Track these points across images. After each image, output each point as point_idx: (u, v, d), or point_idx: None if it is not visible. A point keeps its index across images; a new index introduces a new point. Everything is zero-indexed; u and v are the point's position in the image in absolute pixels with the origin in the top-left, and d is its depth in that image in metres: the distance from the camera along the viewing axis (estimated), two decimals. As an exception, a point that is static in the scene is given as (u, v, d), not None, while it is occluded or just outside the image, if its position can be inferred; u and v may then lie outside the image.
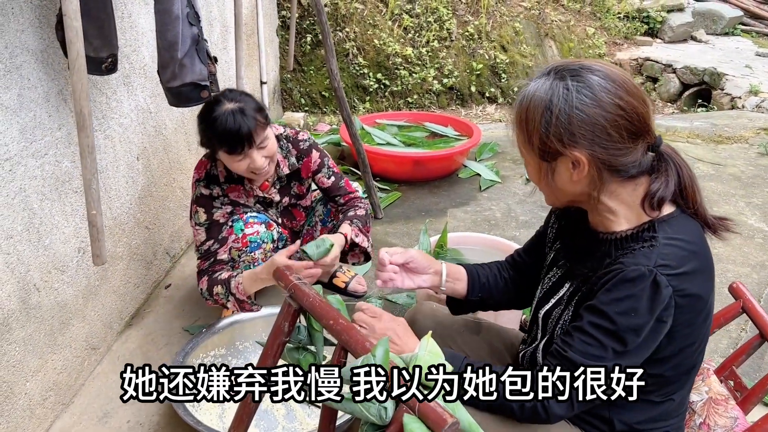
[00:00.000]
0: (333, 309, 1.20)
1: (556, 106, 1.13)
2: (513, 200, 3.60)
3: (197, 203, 2.19)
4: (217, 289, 2.11)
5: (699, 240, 1.18)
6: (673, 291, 1.09)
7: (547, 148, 1.16)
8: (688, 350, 1.21)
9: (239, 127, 1.94)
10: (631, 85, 1.14)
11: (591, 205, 1.24)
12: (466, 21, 5.60)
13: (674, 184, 1.17)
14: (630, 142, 1.13)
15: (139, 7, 2.33)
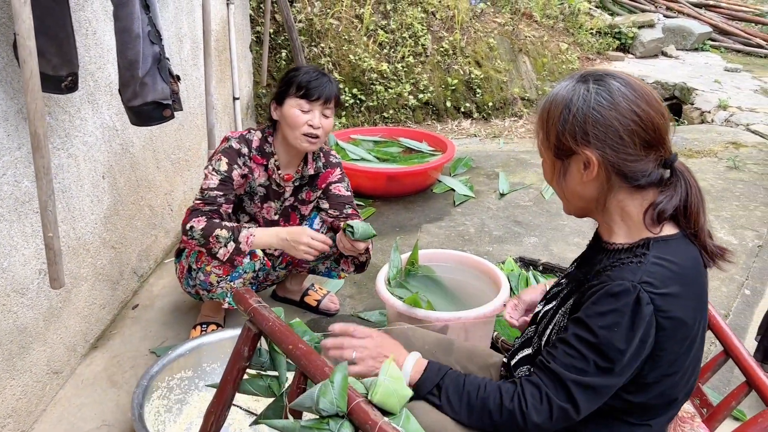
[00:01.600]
0: (293, 333, 1.19)
1: (575, 105, 1.18)
2: (486, 215, 3.60)
3: (223, 153, 2.20)
4: (219, 232, 2.07)
5: (691, 265, 1.18)
6: (655, 310, 1.10)
7: (561, 145, 1.21)
8: (671, 378, 1.19)
9: (324, 81, 2.15)
10: (651, 97, 1.18)
11: (599, 212, 1.26)
12: (441, 37, 5.64)
13: (679, 200, 1.18)
14: (642, 150, 1.16)
15: (104, 24, 2.30)
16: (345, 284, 2.86)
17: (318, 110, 2.16)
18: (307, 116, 2.15)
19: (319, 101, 2.14)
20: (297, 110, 2.14)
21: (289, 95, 2.15)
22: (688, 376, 1.23)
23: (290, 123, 2.16)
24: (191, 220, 2.09)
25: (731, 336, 1.53)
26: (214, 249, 2.08)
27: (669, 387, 1.20)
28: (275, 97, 2.21)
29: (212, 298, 2.25)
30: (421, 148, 4.19)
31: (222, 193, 2.16)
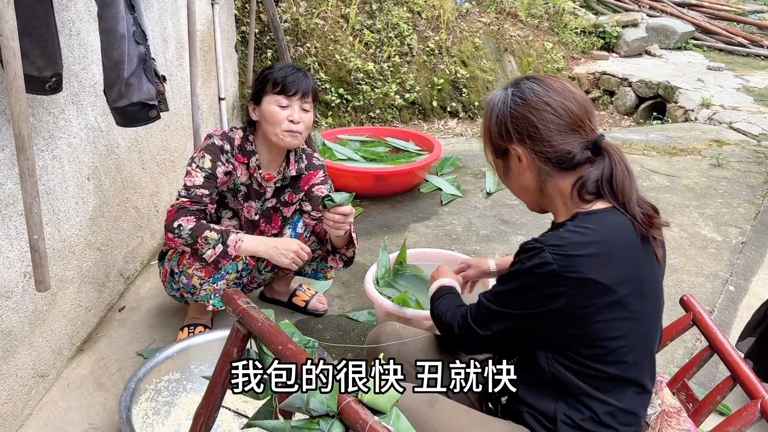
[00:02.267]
0: (282, 334, 1.18)
1: (497, 108, 1.40)
2: (473, 214, 3.62)
3: (206, 150, 2.18)
4: (208, 234, 2.05)
5: (612, 231, 1.28)
6: (560, 268, 1.23)
7: (496, 146, 1.42)
8: (612, 343, 1.26)
9: (299, 76, 2.15)
10: (564, 88, 1.36)
11: (544, 200, 1.42)
12: (427, 36, 5.65)
13: (601, 174, 1.31)
14: (561, 136, 1.33)
15: (88, 25, 2.28)
16: (333, 284, 2.85)
17: (297, 105, 2.15)
18: (286, 112, 2.14)
19: (297, 96, 2.14)
20: (275, 107, 2.13)
21: (266, 93, 2.14)
22: (636, 345, 1.28)
23: (270, 120, 2.15)
24: (178, 219, 2.07)
25: (716, 331, 1.55)
26: (201, 250, 2.07)
27: (616, 351, 1.27)
28: (252, 97, 2.20)
29: (197, 300, 2.24)
30: (408, 148, 4.20)
31: (207, 192, 2.15)
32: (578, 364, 1.28)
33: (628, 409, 1.31)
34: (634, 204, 1.29)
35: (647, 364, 1.33)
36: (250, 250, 2.13)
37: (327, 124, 5.14)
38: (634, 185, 1.31)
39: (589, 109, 1.36)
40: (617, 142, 4.94)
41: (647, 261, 1.31)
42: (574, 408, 1.29)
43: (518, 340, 1.36)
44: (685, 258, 3.18)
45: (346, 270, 2.95)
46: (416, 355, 1.62)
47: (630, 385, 1.31)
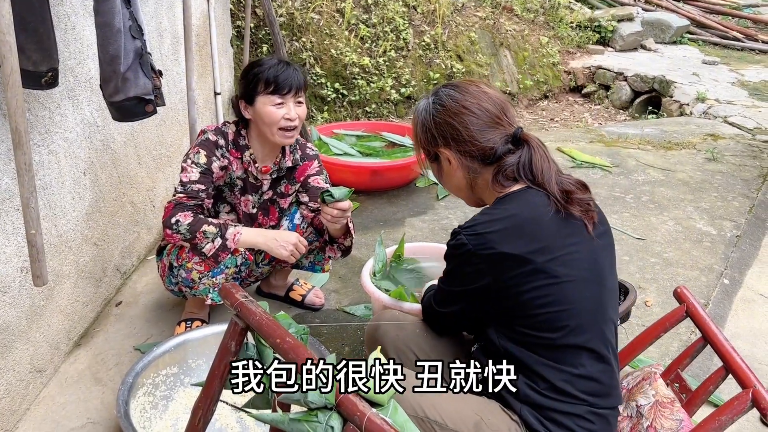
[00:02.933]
0: (280, 327, 1.19)
1: (422, 118, 1.53)
2: (469, 208, 3.59)
3: (200, 146, 2.18)
4: (207, 228, 2.07)
5: (524, 207, 1.40)
6: (474, 247, 1.36)
7: (427, 152, 1.56)
8: (545, 309, 1.35)
9: (290, 72, 2.12)
10: (479, 91, 1.49)
11: (477, 193, 1.54)
12: (423, 31, 5.65)
13: (519, 161, 1.43)
14: (480, 134, 1.45)
15: (84, 19, 2.27)
16: (330, 279, 2.86)
17: (291, 102, 2.14)
18: (282, 110, 2.13)
19: (291, 93, 2.13)
20: (271, 107, 2.12)
21: (259, 93, 2.12)
22: (573, 309, 1.36)
23: (267, 121, 2.14)
24: (176, 215, 2.07)
25: (709, 323, 1.57)
26: (200, 244, 2.08)
27: (552, 317, 1.36)
28: (243, 96, 2.18)
29: (195, 294, 2.25)
30: (404, 143, 4.20)
31: (204, 187, 2.15)
32: (522, 335, 1.38)
33: (586, 375, 1.36)
34: (553, 183, 1.41)
35: (594, 328, 1.39)
36: (249, 242, 2.14)
37: (323, 118, 5.14)
38: (552, 167, 1.44)
39: (504, 106, 1.50)
40: (613, 137, 4.96)
41: (572, 231, 1.39)
42: (531, 379, 1.37)
43: (470, 317, 1.51)
44: (680, 251, 3.19)
45: (343, 264, 2.96)
46: (415, 339, 1.66)
47: (580, 350, 1.37)
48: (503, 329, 1.40)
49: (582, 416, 1.35)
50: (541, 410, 1.36)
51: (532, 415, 1.36)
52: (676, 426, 1.46)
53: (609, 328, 1.43)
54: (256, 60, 2.17)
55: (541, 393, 1.36)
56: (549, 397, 1.36)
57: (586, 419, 1.36)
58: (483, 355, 1.46)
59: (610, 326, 1.44)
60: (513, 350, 1.38)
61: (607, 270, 1.45)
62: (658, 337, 1.67)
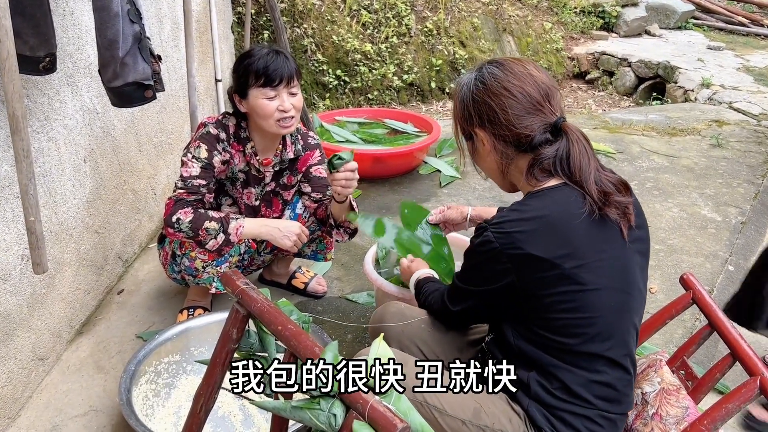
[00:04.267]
0: (282, 314, 1.18)
1: (461, 94, 1.46)
2: (472, 196, 3.61)
3: (201, 139, 2.13)
4: (209, 225, 2.04)
5: (556, 206, 1.31)
6: (501, 246, 1.30)
7: (463, 130, 1.49)
8: (568, 315, 1.29)
9: (280, 62, 2.06)
10: (524, 72, 1.39)
11: (510, 180, 1.48)
12: (425, 17, 5.60)
13: (556, 154, 1.35)
14: (517, 119, 1.36)
15: (83, 4, 2.24)
16: (332, 266, 2.85)
17: (284, 93, 2.09)
18: (275, 102, 2.08)
19: (282, 84, 2.07)
20: (263, 100, 2.07)
21: (251, 86, 2.06)
22: (596, 317, 1.30)
23: (261, 114, 2.10)
24: (177, 212, 2.03)
25: (716, 309, 1.55)
26: (204, 241, 2.06)
27: (574, 323, 1.30)
28: (236, 90, 2.13)
29: (198, 283, 2.23)
30: (407, 129, 4.17)
31: (204, 181, 2.11)
32: (540, 337, 1.33)
33: (602, 381, 1.33)
34: (591, 182, 1.32)
35: (615, 337, 1.34)
36: (252, 234, 2.12)
37: (324, 106, 5.11)
38: (593, 164, 1.34)
39: (550, 92, 1.39)
40: (617, 123, 4.92)
41: (606, 235, 1.32)
42: (545, 377, 1.34)
43: (484, 314, 1.48)
44: (684, 238, 3.17)
45: (345, 252, 2.95)
46: (419, 334, 1.64)
47: (597, 358, 1.33)
48: (520, 328, 1.36)
49: (592, 419, 1.33)
50: (549, 409, 1.33)
51: (539, 412, 1.33)
52: (681, 413, 1.44)
53: (631, 335, 1.39)
54: (247, 51, 2.12)
55: (552, 393, 1.33)
56: (560, 398, 1.33)
57: (595, 422, 1.33)
58: (496, 347, 1.44)
59: (633, 333, 1.39)
60: (528, 350, 1.35)
61: (638, 276, 1.38)
62: (664, 324, 1.65)
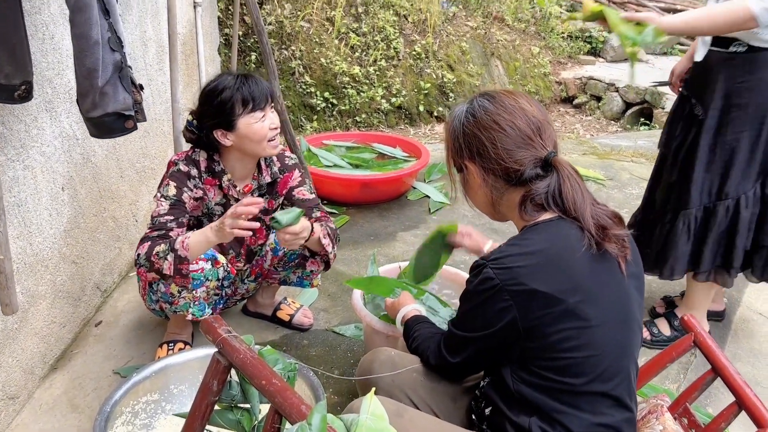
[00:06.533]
0: (266, 366, 1.10)
1: (452, 127, 1.45)
2: (462, 222, 3.54)
3: (171, 177, 2.11)
4: (158, 249, 1.95)
5: (556, 241, 1.29)
6: (502, 282, 1.26)
7: (454, 162, 1.47)
8: (572, 353, 1.25)
9: (258, 83, 2.06)
10: (515, 106, 1.37)
11: (501, 212, 1.45)
12: (413, 40, 5.59)
13: (548, 189, 1.33)
14: (507, 152, 1.34)
15: (63, 28, 2.17)
16: (319, 297, 2.77)
17: (269, 110, 2.10)
18: (266, 122, 2.08)
19: (268, 103, 2.09)
20: (256, 124, 2.05)
21: (239, 116, 2.04)
22: (600, 354, 1.27)
23: (256, 138, 2.07)
24: (139, 248, 2.00)
25: (719, 354, 1.50)
26: (159, 267, 1.97)
27: (578, 362, 1.26)
28: (219, 125, 2.06)
29: (175, 311, 2.14)
30: (395, 154, 4.13)
31: (172, 217, 2.06)
32: (543, 379, 1.27)
33: (606, 423, 1.27)
34: (588, 217, 1.30)
35: (620, 374, 1.30)
36: (199, 241, 1.97)
37: (312, 128, 5.06)
38: (587, 199, 1.33)
39: (541, 126, 1.37)
40: (606, 149, 4.91)
41: (605, 269, 1.30)
42: (548, 423, 1.27)
43: (485, 362, 1.41)
44: (676, 268, 3.13)
45: (332, 282, 2.87)
46: (410, 384, 1.56)
47: (602, 397, 1.28)
48: (520, 371, 1.30)
49: None
50: None
51: None
52: (685, 465, 1.38)
53: (633, 372, 1.35)
54: (214, 85, 2.07)
55: None
56: None
57: None
58: (494, 392, 1.37)
59: (634, 370, 1.36)
60: (528, 394, 1.29)
61: (636, 311, 1.36)
62: (665, 368, 1.60)
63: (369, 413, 1.02)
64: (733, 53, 2.12)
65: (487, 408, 1.40)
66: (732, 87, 2.15)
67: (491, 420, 1.39)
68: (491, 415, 1.39)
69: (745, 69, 2.10)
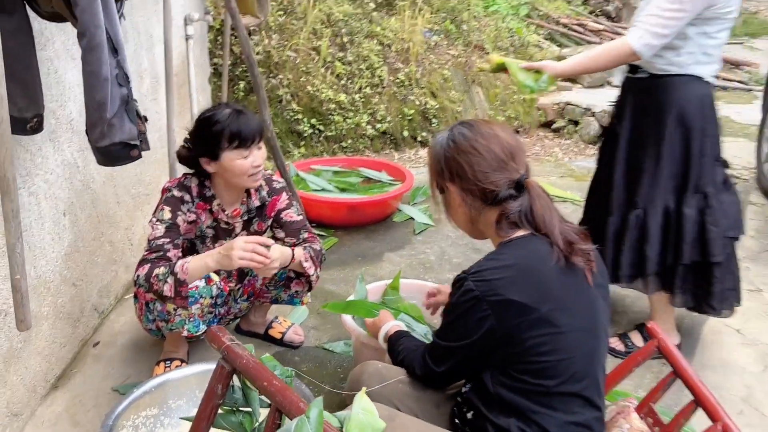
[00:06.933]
0: (266, 370, 1.22)
1: (434, 151, 1.60)
2: (446, 243, 3.69)
3: (165, 203, 2.22)
4: (157, 271, 2.06)
5: (529, 255, 1.45)
6: (481, 293, 1.40)
7: (437, 184, 1.62)
8: (547, 357, 1.39)
9: (249, 121, 2.16)
10: (491, 133, 1.53)
11: (479, 230, 1.60)
12: (397, 68, 5.78)
13: (520, 208, 1.48)
14: (484, 175, 1.49)
15: (66, 63, 2.31)
16: (309, 316, 2.88)
17: (254, 149, 2.20)
18: (249, 160, 2.18)
19: (254, 143, 2.18)
20: (238, 161, 2.17)
21: (224, 149, 2.15)
22: (571, 357, 1.41)
23: (237, 173, 2.19)
24: (138, 270, 2.12)
25: (678, 357, 1.64)
26: (158, 289, 2.08)
27: (552, 365, 1.40)
28: (205, 153, 2.19)
29: (171, 329, 2.24)
30: (381, 178, 4.27)
31: (168, 239, 2.18)
32: (520, 382, 1.40)
33: (578, 422, 1.40)
34: (557, 233, 1.45)
35: (589, 376, 1.43)
36: (199, 267, 2.09)
37: (300, 153, 5.19)
38: (555, 217, 1.48)
39: (514, 151, 1.52)
40: (583, 171, 5.09)
41: (574, 280, 1.45)
42: (525, 423, 1.40)
43: (468, 369, 1.53)
44: (649, 284, 3.28)
45: (322, 300, 2.98)
46: (397, 393, 1.66)
47: (574, 397, 1.41)
48: (499, 376, 1.43)
49: None
50: None
51: None
52: (650, 459, 1.51)
53: (601, 375, 1.49)
54: (209, 115, 2.19)
55: None
56: None
57: None
58: (475, 396, 1.49)
59: (602, 373, 1.49)
60: (507, 396, 1.42)
61: (603, 319, 1.51)
62: (631, 372, 1.73)
63: (360, 409, 1.14)
64: (639, 78, 2.40)
65: (469, 412, 1.53)
66: (638, 108, 2.43)
67: (473, 423, 1.51)
68: (473, 419, 1.51)
69: (648, 93, 2.39)
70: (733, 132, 6.10)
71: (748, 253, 3.72)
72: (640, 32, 2.21)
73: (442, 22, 6.53)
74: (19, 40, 1.60)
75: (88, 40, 1.53)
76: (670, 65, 2.30)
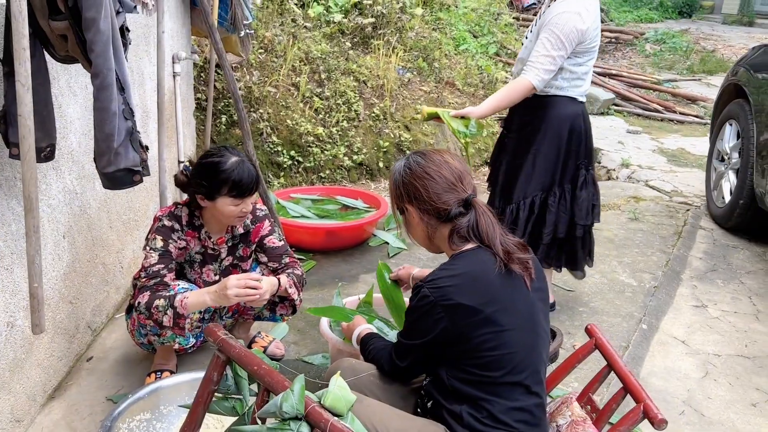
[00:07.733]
0: (256, 357, 1.45)
1: (394, 177, 1.84)
2: (418, 265, 3.89)
3: (157, 232, 2.41)
4: (158, 303, 2.25)
5: (476, 265, 1.68)
6: (435, 299, 1.63)
7: (397, 206, 1.86)
8: (492, 352, 1.62)
9: (250, 175, 2.33)
10: (440, 160, 1.78)
11: (436, 245, 1.84)
12: (372, 103, 6.10)
13: (468, 224, 1.72)
14: (436, 195, 1.74)
15: (68, 99, 2.54)
16: (289, 332, 3.09)
17: (248, 200, 2.37)
18: (239, 207, 2.36)
19: (250, 195, 2.36)
20: (231, 207, 2.34)
21: (221, 194, 2.30)
22: (513, 352, 1.64)
23: (225, 215, 2.38)
24: (138, 297, 2.32)
25: (613, 353, 1.89)
26: (158, 318, 2.29)
27: (497, 359, 1.63)
28: (203, 192, 2.34)
29: (163, 342, 2.44)
30: (357, 205, 4.53)
31: (163, 265, 2.38)
32: (470, 374, 1.63)
33: (520, 407, 1.65)
34: (498, 245, 1.70)
35: (530, 368, 1.67)
36: (197, 303, 2.28)
37: (279, 183, 5.44)
38: (497, 230, 1.72)
39: (461, 175, 1.77)
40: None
41: (514, 285, 1.69)
42: (475, 409, 1.63)
43: (427, 364, 1.75)
44: (605, 301, 3.56)
45: (300, 318, 3.20)
46: (369, 386, 1.90)
47: (516, 386, 1.65)
48: (453, 370, 1.67)
49: None
50: None
51: None
52: (587, 439, 1.75)
53: (541, 367, 1.73)
54: (216, 161, 2.31)
55: (482, 422, 1.63)
56: (488, 425, 1.63)
57: None
58: (433, 388, 1.74)
59: (543, 367, 1.74)
60: (459, 387, 1.66)
61: (542, 319, 1.75)
62: (574, 367, 1.98)
63: (336, 386, 1.37)
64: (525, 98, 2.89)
65: (429, 402, 1.77)
66: (521, 121, 3.02)
67: (432, 411, 1.75)
68: (432, 408, 1.75)
69: (529, 109, 2.94)
70: (688, 163, 6.53)
71: (696, 272, 4.04)
72: (536, 71, 2.77)
73: (414, 60, 6.91)
74: (38, 80, 1.83)
75: (101, 80, 1.78)
76: (549, 87, 2.88)
